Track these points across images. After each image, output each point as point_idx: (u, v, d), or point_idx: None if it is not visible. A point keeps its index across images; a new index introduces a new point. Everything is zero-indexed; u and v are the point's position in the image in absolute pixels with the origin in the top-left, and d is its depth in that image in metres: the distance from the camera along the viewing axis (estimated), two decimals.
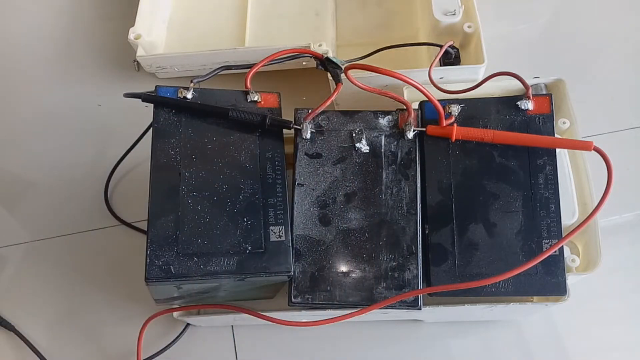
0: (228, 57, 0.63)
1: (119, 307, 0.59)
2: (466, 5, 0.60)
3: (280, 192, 0.45)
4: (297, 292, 0.45)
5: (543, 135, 0.46)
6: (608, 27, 0.75)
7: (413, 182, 0.46)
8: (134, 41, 0.64)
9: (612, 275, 0.57)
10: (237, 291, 0.48)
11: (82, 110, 0.70)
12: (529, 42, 0.74)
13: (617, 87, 0.71)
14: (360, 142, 0.47)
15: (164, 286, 0.45)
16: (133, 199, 0.64)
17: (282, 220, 0.44)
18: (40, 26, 0.77)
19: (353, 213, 0.46)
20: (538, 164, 0.46)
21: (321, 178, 0.47)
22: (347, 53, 0.66)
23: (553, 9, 0.77)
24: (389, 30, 0.70)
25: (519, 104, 0.47)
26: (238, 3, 0.72)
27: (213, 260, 0.43)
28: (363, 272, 0.45)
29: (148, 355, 0.56)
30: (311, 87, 0.66)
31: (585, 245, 0.50)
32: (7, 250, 0.63)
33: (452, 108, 0.47)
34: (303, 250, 0.45)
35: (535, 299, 0.48)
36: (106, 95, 0.71)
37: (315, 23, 0.69)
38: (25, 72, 0.74)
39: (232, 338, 0.58)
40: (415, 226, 0.45)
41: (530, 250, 0.44)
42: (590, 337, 0.57)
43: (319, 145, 0.48)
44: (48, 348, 0.58)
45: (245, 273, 0.43)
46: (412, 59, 0.66)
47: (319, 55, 0.51)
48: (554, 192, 0.45)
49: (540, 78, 0.54)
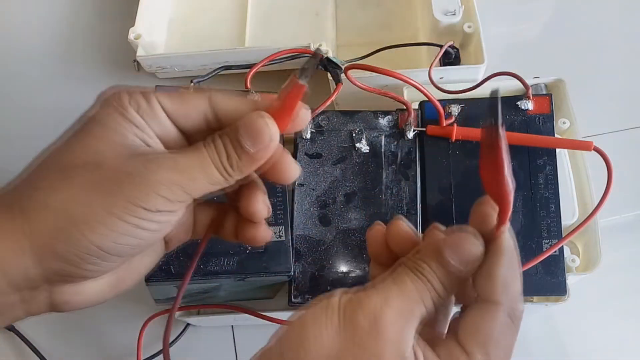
0: (228, 57, 0.63)
1: (119, 307, 0.59)
2: (466, 5, 0.60)
3: (280, 192, 0.45)
4: (297, 292, 0.45)
5: (543, 135, 0.46)
6: (608, 27, 0.75)
7: (413, 182, 0.46)
8: (134, 41, 0.64)
9: (612, 275, 0.57)
10: (237, 291, 0.48)
11: (82, 110, 0.70)
12: (529, 42, 0.74)
13: (617, 87, 0.70)
14: (360, 142, 0.47)
15: (164, 286, 0.45)
16: None
17: (282, 220, 0.44)
18: (39, 26, 0.77)
19: (353, 213, 0.46)
20: (538, 164, 0.46)
21: (321, 178, 0.47)
22: (347, 53, 0.66)
23: (553, 9, 0.77)
24: (389, 30, 0.70)
25: (519, 104, 0.47)
26: (238, 3, 0.72)
27: (213, 260, 0.43)
28: (363, 272, 0.45)
29: (148, 356, 0.56)
30: (311, 87, 0.66)
31: (585, 245, 0.50)
32: None
33: (452, 108, 0.47)
34: (303, 250, 0.45)
35: (535, 299, 0.48)
36: None
37: (315, 23, 0.69)
38: (25, 71, 0.74)
39: (232, 338, 0.58)
40: (415, 226, 0.45)
41: (530, 250, 0.44)
42: (590, 337, 0.57)
43: (319, 145, 0.48)
44: (48, 348, 0.58)
45: (245, 273, 0.43)
46: (412, 59, 0.66)
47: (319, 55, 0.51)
48: (554, 192, 0.45)
49: (540, 78, 0.54)
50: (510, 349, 0.27)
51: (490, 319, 0.26)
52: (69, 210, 0.27)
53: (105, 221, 0.27)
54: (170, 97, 0.30)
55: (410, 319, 0.27)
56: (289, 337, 0.28)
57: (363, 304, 0.26)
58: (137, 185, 0.27)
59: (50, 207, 0.27)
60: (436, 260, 0.27)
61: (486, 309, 0.27)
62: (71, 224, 0.27)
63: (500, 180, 0.26)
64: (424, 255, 0.28)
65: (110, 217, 0.27)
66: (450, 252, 0.27)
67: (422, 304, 0.27)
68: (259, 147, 0.29)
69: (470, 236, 0.28)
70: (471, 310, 0.27)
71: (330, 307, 0.27)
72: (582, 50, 0.73)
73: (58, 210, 0.27)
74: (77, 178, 0.27)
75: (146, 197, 0.27)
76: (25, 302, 0.29)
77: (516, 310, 0.27)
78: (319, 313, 0.27)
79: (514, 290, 0.27)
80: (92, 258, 0.28)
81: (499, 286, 0.27)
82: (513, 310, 0.27)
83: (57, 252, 0.27)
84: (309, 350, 0.26)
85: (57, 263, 0.27)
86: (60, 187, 0.27)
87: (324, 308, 0.27)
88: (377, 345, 0.25)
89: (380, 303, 0.26)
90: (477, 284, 0.28)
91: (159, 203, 0.27)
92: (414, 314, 0.27)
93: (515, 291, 0.27)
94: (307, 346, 0.26)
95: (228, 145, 0.29)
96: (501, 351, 0.26)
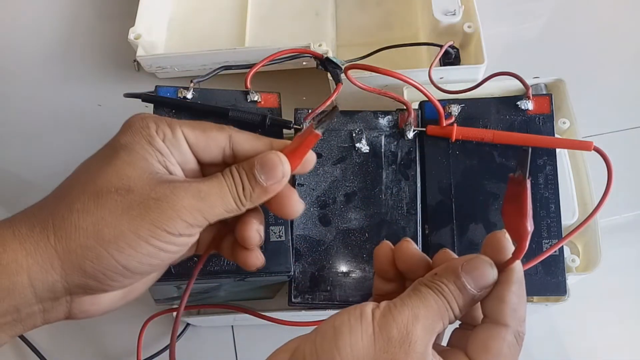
0: (228, 57, 0.63)
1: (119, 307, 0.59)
2: (466, 5, 0.60)
3: None
4: (297, 292, 0.45)
5: (543, 135, 0.46)
6: (608, 27, 0.75)
7: (413, 182, 0.46)
8: (134, 41, 0.64)
9: (612, 275, 0.57)
10: (237, 291, 0.48)
11: (82, 110, 0.70)
12: (529, 42, 0.74)
13: (617, 87, 0.71)
14: (360, 142, 0.47)
15: (164, 286, 0.45)
16: None
17: (282, 220, 0.44)
18: (39, 26, 0.77)
19: (353, 213, 0.46)
20: (538, 164, 0.46)
21: (321, 178, 0.47)
22: (347, 53, 0.66)
23: (553, 9, 0.77)
24: (389, 30, 0.70)
25: (519, 104, 0.47)
26: (238, 3, 0.72)
27: (213, 260, 0.43)
28: (363, 272, 0.45)
29: (148, 355, 0.56)
30: (311, 87, 0.66)
31: (585, 245, 0.50)
32: None
33: (452, 108, 0.47)
34: (303, 250, 0.45)
35: (535, 299, 0.48)
36: (106, 95, 0.71)
37: (315, 23, 0.69)
38: (25, 71, 0.74)
39: (232, 338, 0.58)
40: (415, 226, 0.45)
41: (530, 250, 0.44)
42: (590, 337, 0.57)
43: (319, 145, 0.48)
44: (48, 348, 0.58)
45: (245, 273, 0.43)
46: (412, 59, 0.66)
47: (319, 55, 0.51)
48: (554, 192, 0.45)
49: (540, 78, 0.54)
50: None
51: (499, 338, 0.30)
52: (100, 232, 0.29)
53: (132, 243, 0.30)
54: (193, 129, 0.33)
55: (433, 333, 0.30)
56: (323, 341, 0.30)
57: (396, 318, 0.29)
58: (164, 211, 0.30)
59: (82, 229, 0.29)
60: (455, 284, 0.31)
61: (496, 330, 0.30)
62: (101, 244, 0.29)
63: (523, 225, 0.30)
64: (443, 277, 0.31)
65: (138, 240, 0.30)
66: (468, 278, 0.31)
67: (441, 322, 0.30)
68: (272, 181, 0.32)
69: (487, 264, 0.31)
70: (482, 329, 0.31)
71: (365, 318, 0.29)
72: (582, 50, 0.73)
73: (89, 231, 0.29)
74: (109, 202, 0.30)
75: (170, 221, 0.30)
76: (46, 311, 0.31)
77: (521, 332, 0.30)
78: (354, 322, 0.29)
79: (520, 315, 0.31)
80: (116, 276, 0.31)
81: (509, 311, 0.30)
82: (518, 332, 0.30)
83: (85, 270, 0.30)
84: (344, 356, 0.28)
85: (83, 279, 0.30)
86: (93, 210, 0.30)
87: (359, 317, 0.29)
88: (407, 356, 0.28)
89: (411, 318, 0.29)
90: (487, 307, 0.31)
91: (181, 227, 0.30)
92: (435, 329, 0.30)
93: (521, 316, 0.31)
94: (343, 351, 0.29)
95: (244, 177, 0.32)
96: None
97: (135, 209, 0.30)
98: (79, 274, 0.30)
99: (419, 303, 0.30)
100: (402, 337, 0.29)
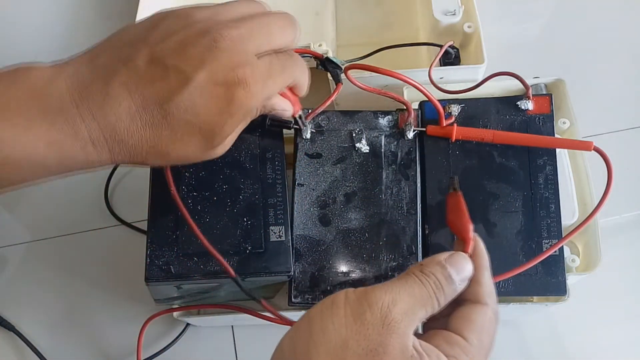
0: None
1: (119, 307, 0.59)
2: (466, 5, 0.60)
3: (280, 192, 0.45)
4: (297, 292, 0.45)
5: (543, 135, 0.46)
6: (608, 27, 0.75)
7: (413, 182, 0.46)
8: None
9: (612, 275, 0.57)
10: (237, 291, 0.48)
11: None
12: (529, 42, 0.74)
13: (617, 87, 0.71)
14: (360, 142, 0.47)
15: (164, 286, 0.45)
16: (133, 199, 0.64)
17: (282, 220, 0.44)
18: (39, 26, 0.77)
19: (353, 213, 0.46)
20: (538, 164, 0.46)
21: (321, 178, 0.47)
22: (347, 53, 0.66)
23: (553, 9, 0.77)
24: (389, 30, 0.70)
25: (519, 104, 0.47)
26: None
27: (213, 260, 0.43)
28: (363, 272, 0.45)
29: (148, 355, 0.56)
30: (311, 87, 0.65)
31: (585, 245, 0.50)
32: (7, 250, 0.63)
33: (452, 108, 0.47)
34: (303, 250, 0.45)
35: (535, 299, 0.48)
36: None
37: (315, 23, 0.69)
38: None
39: (232, 338, 0.58)
40: (415, 226, 0.45)
41: (530, 250, 0.44)
42: (590, 337, 0.57)
43: (319, 145, 0.48)
44: (48, 348, 0.58)
45: (245, 273, 0.43)
46: (412, 59, 0.66)
47: (319, 55, 0.51)
48: (554, 192, 0.45)
49: (540, 78, 0.54)
50: (494, 337, 0.34)
51: (482, 313, 0.34)
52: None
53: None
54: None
55: (414, 319, 0.32)
56: (298, 333, 0.32)
57: (370, 300, 0.31)
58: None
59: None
60: (442, 274, 0.33)
61: (478, 307, 0.34)
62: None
63: (466, 221, 0.37)
64: (429, 268, 0.34)
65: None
66: (452, 269, 0.34)
67: (424, 308, 0.32)
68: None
69: (466, 258, 0.35)
70: (464, 307, 0.34)
71: (336, 303, 0.31)
72: (582, 50, 0.73)
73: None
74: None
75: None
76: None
77: (496, 310, 0.35)
78: (325, 309, 0.31)
79: (494, 296, 0.35)
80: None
81: (487, 291, 0.34)
82: (495, 311, 0.34)
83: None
84: (317, 343, 0.30)
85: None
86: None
87: (330, 304, 0.31)
88: (383, 337, 0.30)
89: (389, 301, 0.31)
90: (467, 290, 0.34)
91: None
92: (417, 315, 0.32)
93: (495, 297, 0.35)
94: (315, 339, 0.30)
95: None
96: (488, 338, 0.33)
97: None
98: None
99: (401, 289, 0.32)
100: (377, 319, 0.30)
